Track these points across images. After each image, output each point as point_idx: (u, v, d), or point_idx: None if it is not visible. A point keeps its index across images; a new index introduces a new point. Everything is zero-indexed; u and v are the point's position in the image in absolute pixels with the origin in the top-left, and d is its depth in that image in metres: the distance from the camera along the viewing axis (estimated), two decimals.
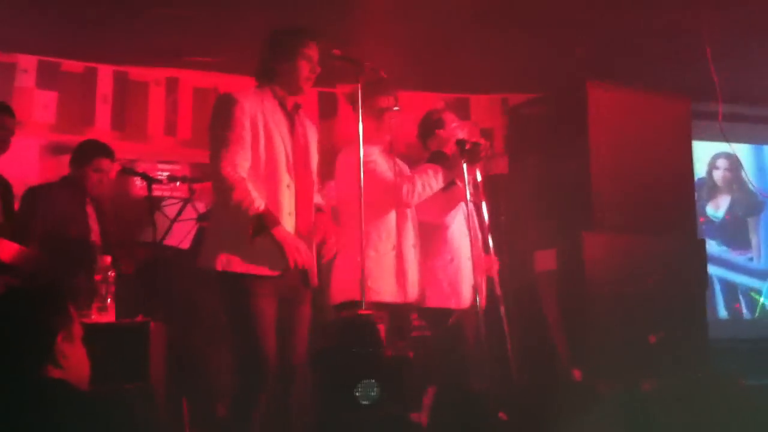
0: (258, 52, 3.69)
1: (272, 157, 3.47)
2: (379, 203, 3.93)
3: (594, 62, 5.77)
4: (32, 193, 4.74)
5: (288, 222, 3.46)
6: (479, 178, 4.17)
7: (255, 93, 3.56)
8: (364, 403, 3.11)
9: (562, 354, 3.97)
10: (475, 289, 4.00)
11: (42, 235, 4.48)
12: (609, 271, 4.83)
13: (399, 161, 4.19)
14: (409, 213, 4.10)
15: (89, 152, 4.75)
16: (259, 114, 3.47)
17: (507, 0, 5.14)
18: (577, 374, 3.73)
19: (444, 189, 4.16)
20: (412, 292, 4.03)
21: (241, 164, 3.39)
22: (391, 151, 4.15)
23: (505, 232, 4.25)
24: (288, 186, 3.49)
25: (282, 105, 3.59)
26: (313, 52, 3.58)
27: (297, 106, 3.65)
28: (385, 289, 3.87)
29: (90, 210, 4.76)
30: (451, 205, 4.28)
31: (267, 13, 4.95)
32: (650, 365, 4.27)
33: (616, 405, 3.55)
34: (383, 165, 4.01)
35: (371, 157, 3.87)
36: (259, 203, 3.33)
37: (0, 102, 4.60)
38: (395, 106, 4.15)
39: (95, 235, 4.73)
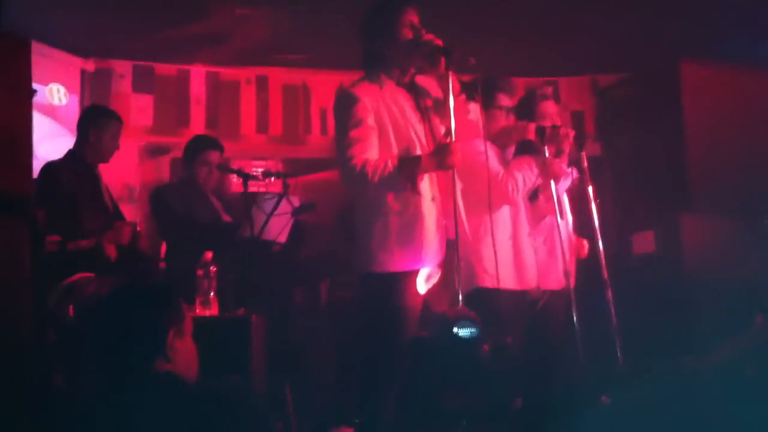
0: (351, 43, 3.61)
1: (404, 147, 3.41)
2: (491, 196, 3.93)
3: (688, 38, 5.60)
4: (160, 192, 4.90)
5: (431, 208, 3.42)
6: (585, 162, 4.20)
7: (369, 85, 3.45)
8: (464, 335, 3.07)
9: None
10: (567, 272, 4.02)
11: (178, 230, 4.65)
12: (708, 253, 4.73)
13: (505, 154, 4.20)
14: (522, 204, 4.13)
15: (195, 148, 4.90)
16: (381, 107, 3.40)
17: None
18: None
19: (530, 200, 4.22)
20: (531, 280, 4.10)
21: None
22: (496, 144, 4.14)
23: (600, 215, 4.20)
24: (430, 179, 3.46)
25: (400, 84, 3.51)
26: (413, 16, 3.47)
27: (413, 79, 3.56)
28: (504, 276, 3.85)
29: (215, 200, 4.91)
30: (536, 220, 4.29)
31: (351, 6, 4.98)
32: (754, 349, 4.16)
33: (717, 389, 3.47)
34: (493, 159, 4.00)
35: (480, 148, 3.85)
36: (392, 160, 3.30)
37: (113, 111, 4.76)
38: (512, 108, 4.17)
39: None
